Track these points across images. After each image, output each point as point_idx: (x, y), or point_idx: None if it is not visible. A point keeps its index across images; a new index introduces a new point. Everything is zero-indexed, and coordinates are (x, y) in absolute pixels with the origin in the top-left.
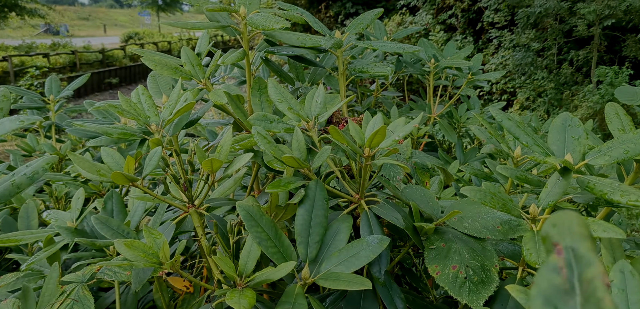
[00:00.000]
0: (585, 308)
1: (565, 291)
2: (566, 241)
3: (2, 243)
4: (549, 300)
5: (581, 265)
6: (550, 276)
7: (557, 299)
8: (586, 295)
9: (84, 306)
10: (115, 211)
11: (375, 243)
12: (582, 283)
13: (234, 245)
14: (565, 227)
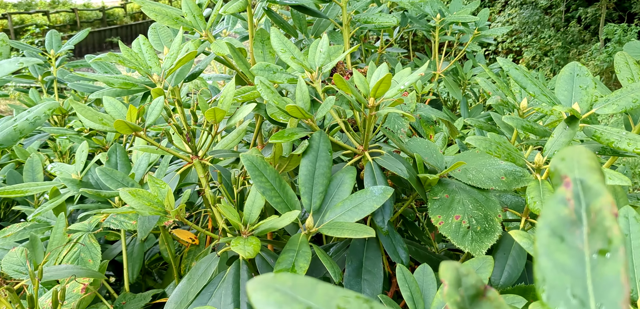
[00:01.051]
0: (591, 238)
1: (572, 222)
2: (575, 173)
3: (8, 194)
4: (556, 231)
5: (589, 196)
6: (557, 208)
7: (564, 230)
8: (593, 225)
9: (91, 253)
10: (119, 164)
11: (379, 193)
12: (589, 213)
13: (238, 195)
14: (574, 160)
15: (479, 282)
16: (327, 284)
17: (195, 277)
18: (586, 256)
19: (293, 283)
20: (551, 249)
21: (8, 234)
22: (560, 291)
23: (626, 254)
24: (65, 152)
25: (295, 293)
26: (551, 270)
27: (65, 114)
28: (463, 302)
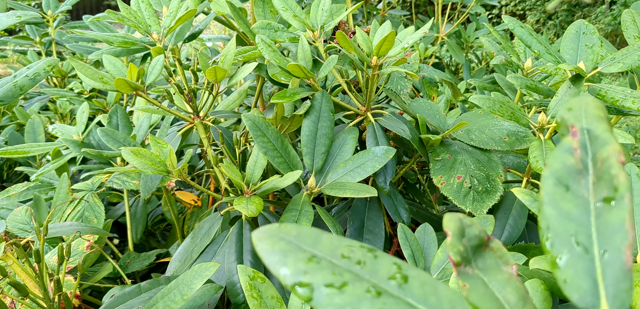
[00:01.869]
0: (597, 186)
1: (578, 170)
2: (582, 122)
3: (10, 154)
4: (561, 180)
5: (596, 145)
6: (563, 157)
7: (569, 179)
8: (599, 174)
9: (95, 212)
10: (120, 126)
11: (381, 154)
12: (595, 162)
13: (240, 156)
14: (582, 109)
15: (482, 233)
16: (331, 234)
17: (199, 236)
18: (591, 204)
19: (298, 232)
20: (556, 198)
21: (12, 193)
22: (564, 238)
23: (631, 201)
24: (66, 114)
25: (300, 242)
26: (556, 218)
27: (65, 76)
28: (466, 252)
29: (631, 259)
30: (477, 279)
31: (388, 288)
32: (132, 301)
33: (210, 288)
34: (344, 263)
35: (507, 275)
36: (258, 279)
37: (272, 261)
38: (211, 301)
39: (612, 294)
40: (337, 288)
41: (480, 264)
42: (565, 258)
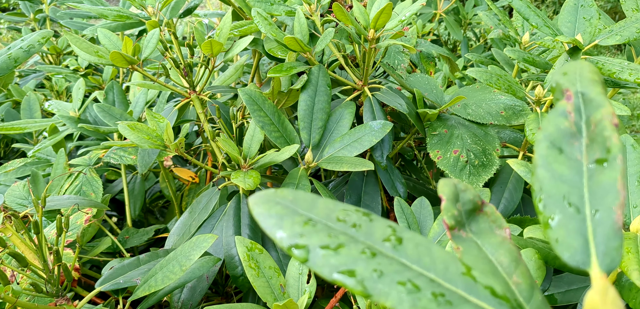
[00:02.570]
0: (590, 148)
1: (571, 133)
2: (576, 86)
3: (7, 130)
4: (555, 143)
5: (590, 108)
6: (557, 121)
7: (563, 141)
8: (592, 136)
9: (93, 187)
10: (117, 102)
11: (378, 128)
12: (589, 125)
13: (237, 130)
14: (577, 74)
15: (477, 198)
16: (327, 199)
17: (197, 210)
18: (584, 166)
19: (294, 197)
20: (549, 160)
21: (9, 169)
22: (556, 199)
23: (624, 162)
24: (62, 91)
25: (296, 207)
26: (549, 180)
27: (60, 53)
28: (460, 216)
29: (622, 218)
30: (471, 243)
31: (383, 249)
32: (131, 273)
33: (208, 260)
34: (339, 226)
35: (500, 238)
36: (256, 250)
37: (269, 224)
38: (209, 274)
39: (602, 252)
40: (333, 250)
41: (474, 228)
42: (557, 218)
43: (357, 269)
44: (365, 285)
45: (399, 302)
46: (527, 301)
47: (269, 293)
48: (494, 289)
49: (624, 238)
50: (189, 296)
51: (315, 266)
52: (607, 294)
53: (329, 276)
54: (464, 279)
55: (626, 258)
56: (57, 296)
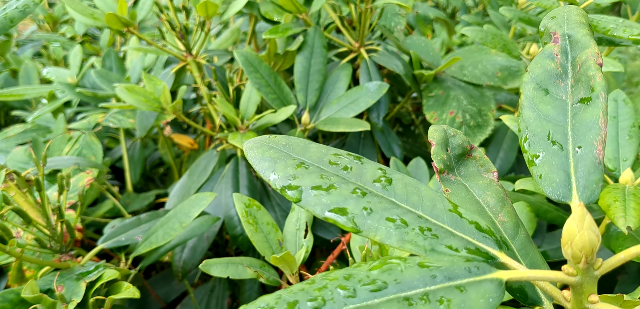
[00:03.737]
0: (575, 88)
1: (557, 74)
2: (563, 29)
3: (6, 97)
4: (541, 84)
5: (576, 49)
6: (544, 62)
7: (549, 83)
8: (577, 76)
9: (93, 150)
10: (114, 69)
11: (374, 89)
12: (575, 65)
13: (234, 92)
14: (564, 17)
15: (465, 142)
16: (319, 144)
17: (196, 173)
18: (568, 106)
19: (287, 142)
20: (535, 101)
21: (10, 134)
22: (541, 138)
23: (606, 99)
24: (59, 60)
25: (289, 151)
26: (534, 120)
27: (57, 22)
28: (449, 160)
29: (602, 153)
30: (459, 185)
31: (373, 189)
32: (133, 231)
33: (207, 219)
34: (331, 169)
35: (488, 180)
36: (254, 207)
37: (263, 167)
38: (209, 234)
39: (583, 185)
40: (325, 190)
41: (463, 172)
42: (542, 155)
43: (347, 207)
44: (356, 222)
45: (387, 236)
46: (512, 238)
47: (267, 248)
48: (479, 224)
49: (613, 188)
50: (190, 256)
51: (308, 205)
52: (584, 220)
53: (321, 214)
54: (450, 216)
55: (613, 207)
56: (60, 252)
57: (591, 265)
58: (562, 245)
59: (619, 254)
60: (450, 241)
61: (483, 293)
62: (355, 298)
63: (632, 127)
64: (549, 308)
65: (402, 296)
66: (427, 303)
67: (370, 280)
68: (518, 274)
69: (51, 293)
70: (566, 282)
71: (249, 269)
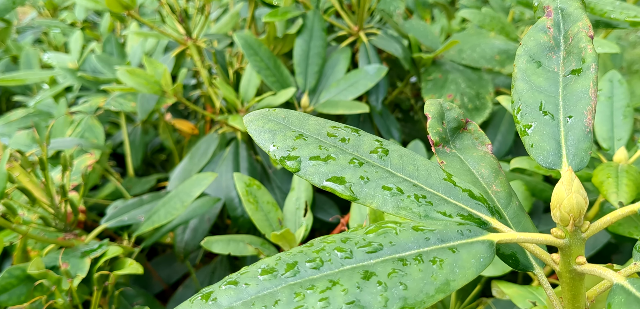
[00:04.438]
0: (566, 60)
1: (550, 47)
2: (556, 2)
3: (7, 81)
4: (534, 56)
5: (568, 22)
6: (537, 36)
7: (542, 55)
8: (569, 48)
9: (95, 133)
10: (114, 54)
11: (373, 72)
12: (567, 38)
13: (234, 75)
14: None
15: (461, 116)
16: (318, 118)
17: (197, 156)
18: (560, 77)
19: (286, 115)
20: (528, 73)
21: (12, 118)
22: (533, 108)
23: (596, 70)
24: (59, 46)
25: (288, 123)
26: (526, 91)
27: (57, 8)
28: (444, 133)
29: (591, 121)
30: (454, 157)
31: (370, 160)
32: (135, 211)
33: (209, 200)
34: (329, 140)
35: (482, 152)
36: (254, 186)
37: (262, 139)
38: (210, 216)
39: (573, 153)
40: (323, 160)
41: (458, 145)
42: (533, 125)
43: (345, 176)
44: (353, 190)
45: (383, 203)
46: (505, 207)
47: (267, 226)
48: (472, 192)
49: (606, 166)
50: (191, 237)
51: (307, 174)
52: (572, 183)
53: (319, 183)
54: (445, 184)
55: (606, 183)
56: (64, 231)
57: (579, 228)
58: (551, 209)
59: (605, 216)
60: (444, 208)
61: (474, 254)
62: (352, 259)
63: (626, 107)
64: (539, 273)
65: (397, 256)
66: (421, 263)
67: (366, 242)
68: (508, 237)
69: (56, 270)
70: (555, 244)
71: (249, 247)
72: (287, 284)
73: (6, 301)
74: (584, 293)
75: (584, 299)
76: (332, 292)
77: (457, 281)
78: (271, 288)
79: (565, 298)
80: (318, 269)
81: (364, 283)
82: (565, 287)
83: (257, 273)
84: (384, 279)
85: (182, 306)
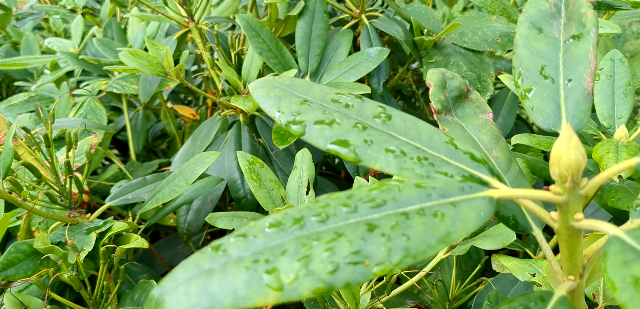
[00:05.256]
0: (567, 27)
1: (551, 14)
2: None
3: (9, 66)
4: (535, 23)
5: None
6: (538, 3)
7: (543, 22)
8: (570, 15)
9: (97, 115)
10: (115, 38)
11: (374, 55)
12: (568, 5)
13: (236, 58)
14: None
15: (463, 85)
16: (322, 85)
17: (199, 138)
18: (561, 42)
19: (291, 82)
20: (529, 40)
21: (14, 102)
22: (534, 73)
23: (596, 34)
24: (60, 32)
25: (293, 90)
26: (528, 57)
27: None
28: (447, 101)
29: (591, 84)
30: (456, 125)
31: (373, 124)
32: (139, 190)
33: (212, 179)
34: (333, 106)
35: (483, 120)
36: (257, 164)
37: (268, 104)
38: (213, 197)
39: (572, 114)
40: (327, 124)
41: (460, 113)
42: (534, 89)
43: (349, 139)
44: (357, 152)
45: (387, 165)
46: (505, 172)
47: (270, 203)
48: (474, 154)
49: (606, 142)
50: (194, 218)
51: (311, 138)
52: (571, 140)
53: (324, 146)
54: (446, 147)
55: (606, 158)
56: (70, 208)
57: (577, 184)
58: (550, 166)
59: (603, 173)
60: (446, 169)
61: (474, 208)
62: (356, 213)
63: (627, 86)
64: (537, 233)
65: (400, 211)
66: (423, 216)
67: (370, 198)
68: (508, 193)
69: (62, 246)
70: (553, 201)
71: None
72: (294, 237)
73: (13, 275)
74: (582, 250)
75: (581, 257)
76: (337, 243)
77: (458, 232)
78: (279, 240)
79: (563, 256)
80: (324, 223)
81: (368, 235)
82: (563, 244)
83: (265, 226)
84: (387, 232)
85: (193, 256)
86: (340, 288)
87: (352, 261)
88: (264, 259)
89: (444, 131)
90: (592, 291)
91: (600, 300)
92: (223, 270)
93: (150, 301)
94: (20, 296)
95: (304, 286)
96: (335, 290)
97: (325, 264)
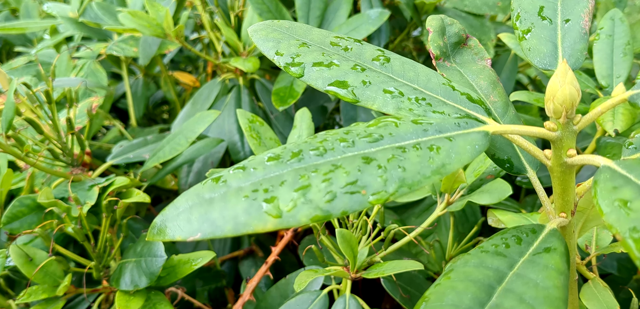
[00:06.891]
0: None
1: None
2: None
3: (8, 30)
4: None
5: None
6: None
7: None
8: None
9: (97, 78)
10: (115, 2)
11: (375, 17)
12: None
13: (235, 19)
14: None
15: (462, 31)
16: (321, 29)
17: (199, 101)
18: None
19: (290, 26)
20: None
21: (15, 66)
22: (532, 14)
23: None
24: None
25: (292, 33)
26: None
27: None
28: (445, 48)
29: (588, 23)
30: (454, 71)
31: (372, 66)
32: (140, 150)
33: (212, 140)
34: (332, 49)
35: (481, 66)
36: (257, 123)
37: (267, 47)
38: (214, 159)
39: (568, 53)
40: (326, 66)
41: (458, 59)
42: (532, 30)
43: (347, 80)
44: (355, 93)
45: (384, 104)
46: (502, 116)
47: None
48: (471, 95)
49: (603, 99)
50: (195, 180)
51: (310, 79)
52: (566, 75)
53: (323, 88)
54: (444, 88)
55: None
56: (72, 165)
57: (571, 120)
58: (545, 103)
59: (596, 108)
60: (443, 109)
61: (470, 141)
62: (354, 148)
63: (626, 45)
64: (532, 175)
65: (396, 145)
66: (419, 150)
67: (367, 134)
68: (503, 128)
69: (65, 201)
70: (547, 137)
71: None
72: (293, 168)
73: (17, 228)
74: (574, 187)
75: (574, 193)
76: (334, 174)
77: (453, 164)
78: (277, 172)
79: (556, 193)
80: (322, 156)
81: (364, 167)
82: (556, 181)
83: (264, 159)
84: (383, 164)
85: (194, 188)
86: (338, 215)
87: (349, 190)
88: (263, 189)
89: (442, 76)
90: (585, 242)
91: (592, 250)
92: (223, 199)
93: (153, 228)
94: (25, 248)
95: (302, 214)
96: (333, 218)
97: (322, 194)
